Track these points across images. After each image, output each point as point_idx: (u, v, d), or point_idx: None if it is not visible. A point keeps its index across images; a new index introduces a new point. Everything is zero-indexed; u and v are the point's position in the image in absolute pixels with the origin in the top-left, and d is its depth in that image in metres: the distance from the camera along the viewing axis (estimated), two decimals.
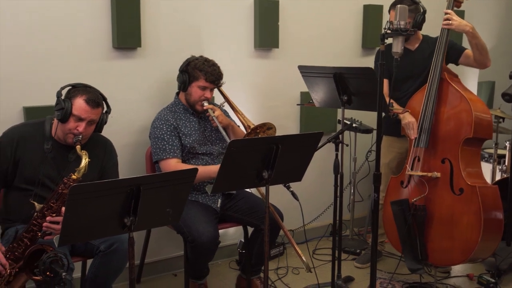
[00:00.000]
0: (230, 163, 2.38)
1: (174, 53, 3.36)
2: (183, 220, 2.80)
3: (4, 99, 2.92)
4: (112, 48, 3.20)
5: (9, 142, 2.58)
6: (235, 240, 3.81)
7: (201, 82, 3.06)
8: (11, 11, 2.89)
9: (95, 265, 2.65)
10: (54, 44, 3.03)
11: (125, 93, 3.26)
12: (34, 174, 2.58)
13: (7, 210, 2.67)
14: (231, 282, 3.50)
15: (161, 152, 3.03)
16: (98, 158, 2.71)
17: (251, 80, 3.79)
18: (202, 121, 3.19)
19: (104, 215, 2.05)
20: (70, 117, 2.53)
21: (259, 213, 3.09)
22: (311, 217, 4.14)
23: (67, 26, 3.05)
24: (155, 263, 3.55)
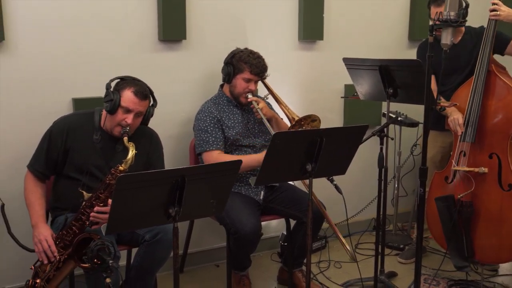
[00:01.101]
0: (274, 156, 2.38)
1: (218, 45, 3.38)
2: (226, 212, 2.82)
3: (54, 90, 3.00)
4: (158, 40, 3.24)
5: (60, 131, 2.65)
6: (277, 233, 3.81)
7: (245, 74, 3.06)
8: (61, 4, 2.96)
9: (140, 254, 2.70)
10: (103, 37, 3.09)
11: (170, 85, 3.30)
12: (82, 164, 2.65)
13: (57, 198, 2.74)
14: (273, 274, 3.51)
15: (204, 144, 3.06)
16: (144, 150, 2.75)
17: (295, 72, 3.77)
18: (246, 114, 3.20)
19: (149, 205, 2.08)
20: (118, 108, 2.58)
21: (301, 206, 3.08)
22: (354, 211, 4.10)
23: (115, 19, 3.11)
24: (197, 253, 3.59)
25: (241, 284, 3.18)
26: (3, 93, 2.88)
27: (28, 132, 2.89)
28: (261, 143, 3.19)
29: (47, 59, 2.96)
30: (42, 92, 2.97)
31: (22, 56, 2.89)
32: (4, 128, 2.90)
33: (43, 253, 2.49)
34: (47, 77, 2.97)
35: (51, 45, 2.96)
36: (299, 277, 3.30)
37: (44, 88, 2.97)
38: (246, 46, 3.20)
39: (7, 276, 3.02)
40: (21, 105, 2.93)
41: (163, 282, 3.00)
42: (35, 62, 2.93)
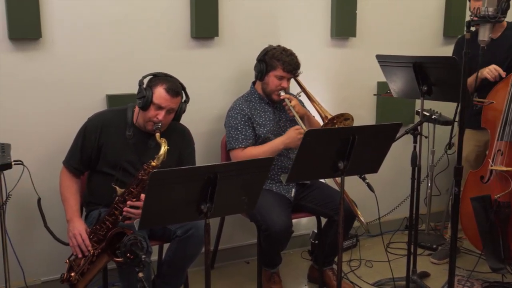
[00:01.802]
0: (305, 153, 2.36)
1: (250, 42, 3.38)
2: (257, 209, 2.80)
3: (89, 87, 3.05)
4: (190, 38, 3.26)
5: (94, 127, 2.69)
6: (308, 230, 3.80)
7: (278, 72, 3.05)
8: (96, 3, 3.00)
9: (171, 249, 2.72)
10: (136, 34, 3.12)
11: (202, 82, 3.31)
12: (116, 159, 2.68)
13: (91, 193, 2.79)
14: (303, 272, 3.50)
15: (234, 141, 3.07)
16: (176, 146, 2.77)
17: (327, 69, 3.75)
18: (277, 111, 3.19)
19: (181, 201, 2.09)
20: (150, 105, 2.60)
21: (333, 204, 3.06)
22: (385, 210, 4.05)
23: (148, 16, 3.13)
24: (228, 250, 3.61)
25: (272, 281, 3.18)
26: (40, 89, 2.93)
27: (63, 128, 2.94)
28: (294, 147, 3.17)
29: (82, 56, 3.00)
30: (77, 89, 3.02)
31: (58, 54, 2.94)
32: (40, 124, 2.96)
33: (78, 247, 2.53)
34: (82, 74, 3.02)
35: (86, 42, 3.01)
36: (329, 276, 3.28)
37: (79, 85, 3.02)
38: (278, 43, 3.19)
39: (43, 269, 3.08)
40: (56, 102, 2.98)
41: (194, 277, 3.02)
42: (71, 59, 2.98)
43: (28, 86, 2.91)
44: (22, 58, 2.87)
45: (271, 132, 3.12)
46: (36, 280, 3.09)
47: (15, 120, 2.90)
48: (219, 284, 3.30)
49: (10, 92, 2.87)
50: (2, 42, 2.81)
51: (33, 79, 2.91)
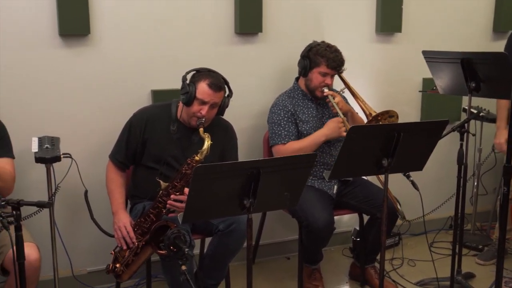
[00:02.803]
0: (349, 150, 2.34)
1: (294, 38, 3.37)
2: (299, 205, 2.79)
3: (134, 82, 3.10)
4: (234, 33, 3.27)
5: (139, 122, 2.74)
6: (349, 228, 3.77)
7: (322, 68, 3.03)
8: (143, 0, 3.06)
9: (213, 243, 2.74)
10: (181, 30, 3.15)
11: (245, 78, 3.33)
12: (160, 154, 2.72)
13: (136, 187, 2.84)
14: (344, 269, 3.48)
15: (277, 137, 3.07)
16: (219, 141, 2.79)
17: (371, 66, 3.70)
18: (320, 108, 3.18)
19: (225, 196, 2.11)
20: (194, 100, 2.63)
21: (376, 202, 3.02)
22: (429, 208, 3.97)
23: (193, 12, 3.16)
24: (269, 245, 3.62)
25: (313, 277, 3.18)
26: (87, 85, 3.01)
27: (110, 123, 3.00)
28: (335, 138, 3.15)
29: (128, 52, 3.06)
30: (123, 84, 3.08)
31: (105, 50, 3.01)
32: (88, 118, 3.04)
33: (122, 239, 2.59)
34: (128, 70, 3.07)
35: (133, 38, 3.06)
36: (371, 274, 3.25)
37: (125, 80, 3.08)
38: (323, 39, 3.17)
39: (89, 260, 3.17)
40: (103, 97, 3.05)
41: (235, 272, 3.04)
42: (117, 55, 3.04)
43: (77, 81, 2.98)
44: (71, 54, 2.94)
45: (314, 128, 3.10)
46: (82, 270, 3.17)
47: (65, 114, 2.98)
48: (260, 279, 3.32)
49: (59, 87, 2.95)
50: (53, 38, 2.89)
51: (81, 74, 2.98)
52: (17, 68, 2.85)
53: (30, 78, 2.89)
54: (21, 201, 1.85)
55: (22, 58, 2.85)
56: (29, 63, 2.87)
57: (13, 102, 2.87)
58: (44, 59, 2.89)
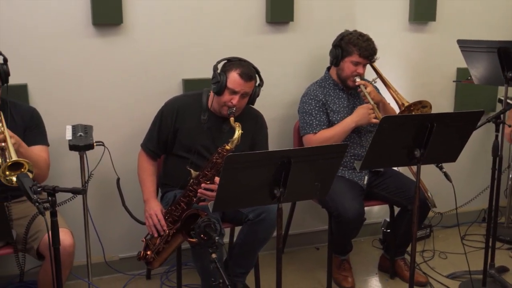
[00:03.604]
0: (381, 140, 2.32)
1: (326, 27, 3.34)
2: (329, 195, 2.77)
3: (165, 71, 3.12)
4: (265, 22, 3.26)
5: (170, 111, 2.76)
6: (380, 219, 3.74)
7: (354, 57, 3.00)
8: None
9: (243, 232, 2.75)
10: (212, 19, 3.16)
11: (276, 67, 3.31)
12: (191, 143, 2.74)
13: (166, 175, 2.87)
14: (373, 260, 3.45)
15: (308, 127, 3.05)
16: (250, 130, 2.79)
17: (404, 55, 3.65)
18: (352, 98, 3.15)
19: (255, 185, 2.11)
20: (225, 90, 2.63)
21: (407, 193, 2.99)
22: (463, 200, 3.91)
23: (224, 2, 3.16)
24: (298, 235, 3.62)
25: (342, 268, 3.17)
26: (119, 73, 3.04)
27: (142, 111, 3.03)
28: (366, 128, 3.12)
29: (160, 41, 3.08)
30: (155, 73, 3.10)
31: (138, 39, 3.03)
32: (119, 107, 3.07)
33: (153, 227, 2.62)
34: (159, 59, 3.09)
35: (164, 28, 3.08)
36: (401, 266, 3.22)
37: (156, 69, 3.10)
38: (355, 28, 3.13)
39: (121, 247, 3.22)
40: (135, 86, 3.08)
41: (265, 261, 3.05)
42: (149, 44, 3.06)
43: (109, 70, 3.02)
44: (104, 43, 2.97)
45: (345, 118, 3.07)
46: (114, 256, 3.23)
47: (98, 103, 3.02)
48: (289, 268, 3.32)
49: (93, 75, 2.99)
50: (87, 27, 2.92)
51: (114, 63, 3.02)
52: (51, 57, 2.90)
53: (64, 67, 2.93)
54: (56, 187, 1.88)
55: (57, 48, 2.90)
56: (63, 52, 2.91)
57: (48, 91, 2.92)
58: (78, 49, 2.93)
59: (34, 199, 1.81)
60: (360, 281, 3.21)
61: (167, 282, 3.18)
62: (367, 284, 3.22)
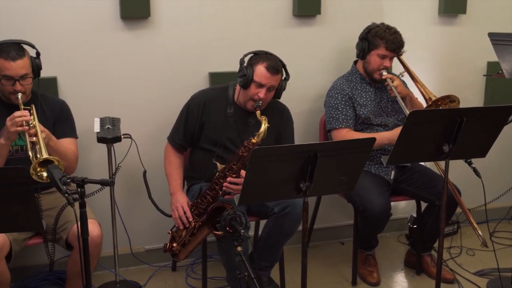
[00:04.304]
0: (408, 135, 2.30)
1: (353, 20, 3.30)
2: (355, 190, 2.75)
3: (192, 65, 3.13)
4: (292, 16, 3.24)
5: (197, 104, 2.77)
6: (406, 214, 3.70)
7: (381, 51, 2.97)
8: None
9: (268, 226, 2.76)
10: (238, 13, 3.15)
11: (302, 61, 3.30)
12: (217, 136, 2.75)
13: (193, 168, 2.89)
14: (399, 256, 3.43)
15: (334, 121, 3.03)
16: (275, 124, 2.78)
17: (432, 48, 3.59)
18: (379, 91, 3.12)
19: (281, 179, 2.11)
20: (251, 83, 2.63)
21: (435, 188, 2.95)
22: (492, 196, 3.84)
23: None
24: (323, 229, 3.60)
25: (367, 263, 3.15)
26: (147, 67, 3.06)
27: (168, 104, 3.05)
28: (394, 122, 3.09)
29: (187, 35, 3.09)
30: (181, 67, 3.11)
31: (165, 32, 3.05)
32: (147, 99, 3.09)
33: (179, 219, 2.64)
34: (186, 52, 3.11)
35: (191, 21, 3.08)
36: (428, 262, 3.19)
37: (183, 63, 3.11)
38: (382, 21, 3.09)
39: (147, 238, 3.25)
40: (162, 79, 3.10)
41: (290, 255, 3.06)
42: (176, 38, 3.07)
43: (137, 63, 3.04)
44: (132, 36, 3.00)
45: (372, 112, 3.05)
46: (140, 248, 3.26)
47: (125, 96, 3.05)
48: (313, 263, 3.31)
49: (120, 69, 3.02)
50: (115, 21, 2.95)
51: (141, 56, 3.04)
52: (80, 51, 2.93)
53: (93, 61, 2.97)
54: (85, 179, 1.91)
55: (85, 41, 2.93)
56: (92, 46, 2.94)
57: (77, 84, 2.96)
58: (106, 42, 2.96)
59: (63, 190, 1.84)
60: (386, 277, 3.19)
61: (192, 274, 3.20)
62: (393, 280, 3.19)
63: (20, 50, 2.46)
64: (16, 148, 2.55)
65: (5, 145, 2.37)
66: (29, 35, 2.64)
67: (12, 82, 2.44)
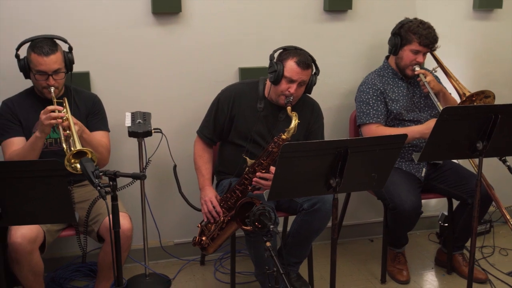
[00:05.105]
0: (441, 132, 2.26)
1: (385, 15, 3.26)
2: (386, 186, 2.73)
3: (222, 60, 3.14)
4: (323, 11, 3.22)
5: (227, 99, 2.77)
6: (437, 212, 3.65)
7: (414, 46, 2.92)
8: None
9: (297, 221, 2.74)
10: (269, 8, 3.14)
11: (333, 56, 3.27)
12: (246, 131, 2.75)
13: (222, 163, 2.89)
14: (429, 254, 3.38)
15: (364, 116, 3.00)
16: (305, 119, 2.77)
17: (467, 43, 3.53)
18: (411, 87, 3.07)
19: (311, 175, 2.11)
20: (282, 79, 2.62)
21: (467, 186, 2.90)
22: None
23: None
24: (352, 226, 3.58)
25: (397, 261, 3.12)
26: (178, 62, 3.08)
27: (198, 99, 3.06)
28: (426, 118, 3.04)
29: (218, 30, 3.09)
30: (212, 62, 3.12)
31: (195, 27, 3.06)
32: (177, 95, 3.11)
33: (209, 213, 2.65)
34: (216, 47, 3.11)
35: (222, 17, 3.09)
36: (459, 261, 3.14)
37: (213, 58, 3.12)
38: (415, 16, 3.05)
39: (176, 232, 3.28)
40: (193, 74, 3.11)
41: (318, 251, 3.05)
42: (207, 33, 3.08)
43: (168, 58, 3.06)
44: (163, 31, 3.02)
45: (404, 108, 3.01)
46: (169, 241, 3.29)
47: (156, 91, 3.08)
48: (342, 259, 3.29)
49: (151, 64, 3.04)
50: (146, 16, 2.97)
51: (172, 51, 3.06)
52: (113, 46, 2.97)
53: (125, 55, 3.00)
54: (117, 172, 1.93)
55: (117, 36, 2.96)
56: (123, 41, 2.97)
57: (109, 79, 3.00)
58: (138, 37, 2.99)
59: (96, 183, 1.87)
60: (416, 275, 3.15)
61: (220, 268, 3.22)
62: (423, 278, 3.15)
63: (53, 45, 2.50)
64: (50, 141, 2.60)
65: (40, 138, 2.42)
66: (63, 30, 2.68)
67: (45, 77, 2.49)
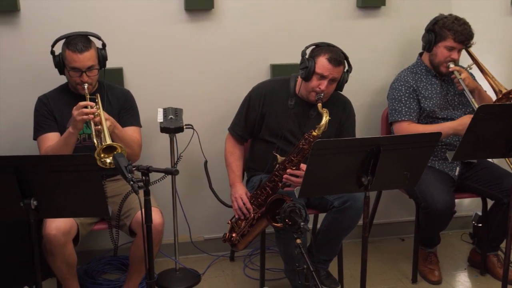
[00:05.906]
0: (476, 130, 2.22)
1: (419, 11, 3.22)
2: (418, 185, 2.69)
3: (254, 57, 3.14)
4: (356, 7, 3.19)
5: (258, 96, 2.78)
6: (470, 212, 3.58)
7: (448, 42, 2.87)
8: None
9: (328, 219, 2.73)
10: (301, 4, 3.13)
11: (366, 53, 3.24)
12: (277, 128, 2.75)
13: (253, 159, 2.90)
14: (463, 255, 3.32)
15: (396, 114, 2.96)
16: (337, 117, 2.75)
17: (504, 40, 3.45)
18: (445, 84, 3.02)
19: (342, 172, 2.09)
20: (313, 75, 2.61)
21: (502, 185, 2.84)
22: None
23: None
24: (383, 225, 3.54)
25: (428, 261, 3.07)
26: (210, 58, 3.09)
27: (230, 96, 3.07)
28: (460, 116, 2.98)
29: (250, 26, 3.09)
30: (244, 58, 3.13)
31: (228, 24, 3.06)
32: (209, 91, 3.13)
33: (239, 210, 2.66)
34: (248, 44, 3.11)
35: (253, 13, 3.09)
36: (493, 262, 3.08)
37: (245, 54, 3.13)
38: (450, 12, 3.00)
39: (207, 228, 3.30)
40: (224, 70, 3.12)
41: (348, 249, 3.03)
42: (239, 29, 3.09)
43: (200, 54, 3.07)
44: (195, 28, 3.03)
45: (437, 105, 2.96)
46: (200, 237, 3.32)
47: (188, 87, 3.10)
48: (373, 258, 3.26)
49: (184, 60, 3.06)
50: (179, 13, 2.99)
51: (204, 48, 3.07)
52: (145, 42, 3.00)
53: (157, 52, 3.02)
54: (150, 167, 1.95)
55: (150, 33, 2.99)
56: (156, 37, 3.00)
57: (141, 75, 3.03)
58: (170, 34, 3.01)
59: (128, 178, 1.89)
60: (448, 275, 3.11)
61: (250, 264, 3.23)
62: (455, 279, 3.10)
63: (87, 42, 2.54)
64: (83, 136, 2.64)
65: (73, 134, 2.46)
66: (96, 27, 2.72)
67: (79, 74, 2.53)
